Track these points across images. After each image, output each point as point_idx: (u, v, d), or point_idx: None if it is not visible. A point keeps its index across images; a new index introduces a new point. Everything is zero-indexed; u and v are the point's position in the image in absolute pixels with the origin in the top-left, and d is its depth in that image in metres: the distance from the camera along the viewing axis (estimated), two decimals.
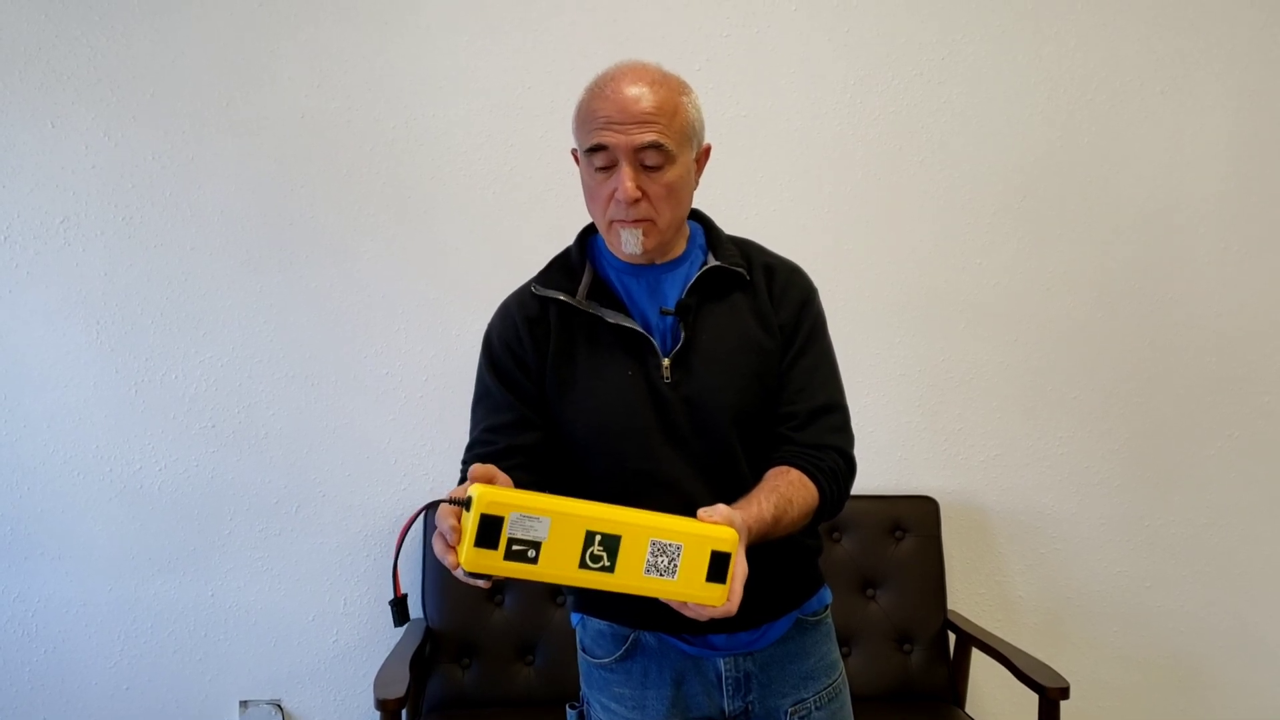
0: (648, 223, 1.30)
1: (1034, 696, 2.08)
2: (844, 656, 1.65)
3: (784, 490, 1.27)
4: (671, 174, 1.29)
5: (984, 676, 2.54)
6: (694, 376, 1.34)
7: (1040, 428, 2.63)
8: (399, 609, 1.17)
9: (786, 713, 1.41)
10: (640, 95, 1.27)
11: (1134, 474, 2.65)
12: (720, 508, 1.16)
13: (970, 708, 2.52)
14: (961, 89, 2.57)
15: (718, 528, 1.13)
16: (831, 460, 1.34)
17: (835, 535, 2.48)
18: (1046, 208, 2.60)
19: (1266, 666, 2.71)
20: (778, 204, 2.54)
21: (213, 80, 2.40)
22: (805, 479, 1.31)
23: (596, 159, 1.29)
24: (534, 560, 1.07)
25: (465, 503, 1.06)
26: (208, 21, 2.39)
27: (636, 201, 1.28)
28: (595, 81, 1.31)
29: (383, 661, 2.16)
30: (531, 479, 1.30)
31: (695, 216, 1.45)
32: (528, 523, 1.06)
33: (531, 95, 2.47)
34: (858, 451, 1.40)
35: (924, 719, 2.33)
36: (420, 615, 2.39)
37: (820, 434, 1.36)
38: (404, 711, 1.98)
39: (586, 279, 1.38)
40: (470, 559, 1.05)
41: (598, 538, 1.09)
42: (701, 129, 1.35)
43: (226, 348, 2.43)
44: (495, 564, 1.06)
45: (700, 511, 1.15)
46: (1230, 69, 2.62)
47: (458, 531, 1.07)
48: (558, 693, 2.28)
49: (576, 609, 1.48)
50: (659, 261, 1.38)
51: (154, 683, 2.45)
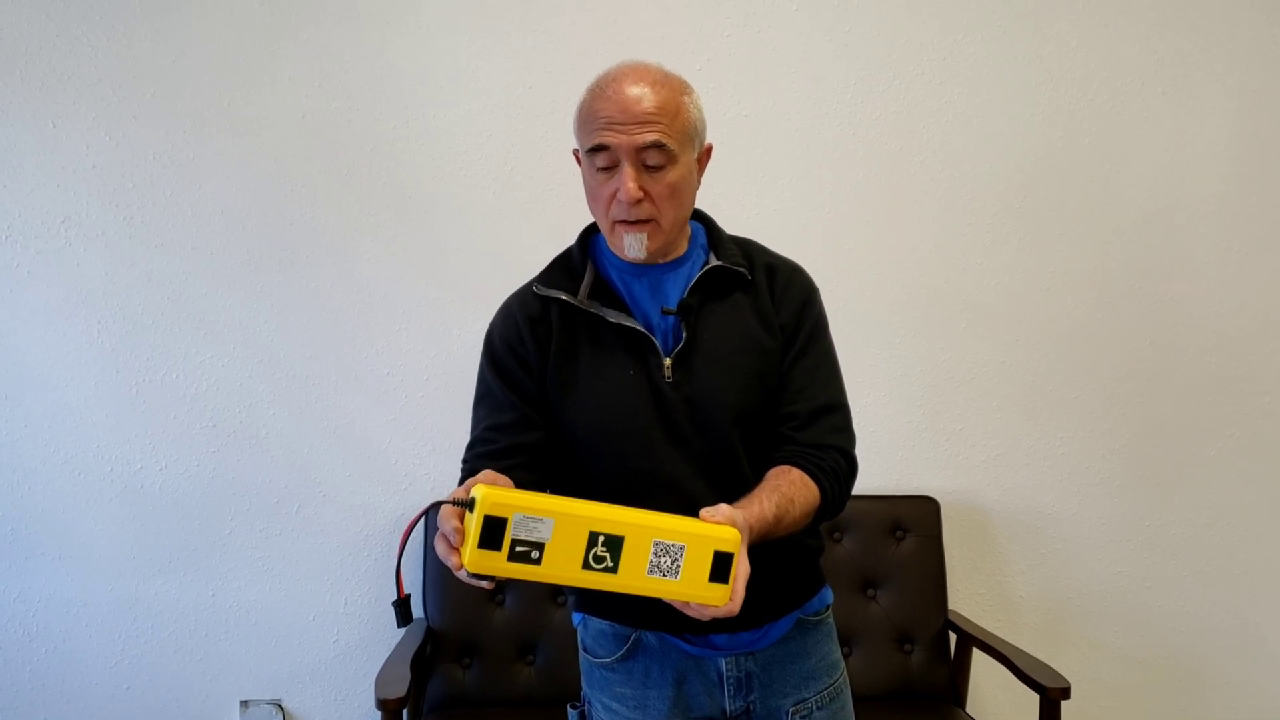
0: (651, 224, 1.30)
1: (1035, 696, 2.08)
2: (845, 656, 1.65)
3: (786, 490, 1.27)
4: (674, 174, 1.29)
5: (985, 676, 2.54)
6: (695, 376, 1.34)
7: (1041, 428, 2.63)
8: (402, 609, 1.17)
9: (788, 713, 1.41)
10: (642, 95, 1.27)
11: (1134, 474, 2.65)
12: (723, 507, 1.16)
13: (971, 708, 2.52)
14: (962, 89, 2.57)
15: (720, 528, 1.13)
16: (833, 460, 1.35)
17: (836, 535, 2.48)
18: (1047, 208, 2.60)
19: (1267, 666, 2.71)
20: (778, 204, 2.54)
21: (213, 80, 2.40)
22: (807, 479, 1.31)
23: (598, 159, 1.29)
24: (537, 561, 1.07)
25: (468, 504, 1.06)
26: (208, 21, 2.39)
27: (639, 202, 1.28)
28: (596, 82, 1.31)
29: (383, 661, 2.15)
30: (533, 479, 1.30)
31: (697, 216, 1.45)
32: (531, 524, 1.06)
33: (532, 95, 2.47)
34: (858, 451, 1.40)
35: (925, 719, 2.33)
36: (421, 615, 2.39)
37: (822, 434, 1.36)
38: (405, 711, 1.98)
39: (588, 279, 1.38)
40: (474, 560, 1.05)
41: (601, 538, 1.09)
42: (703, 129, 1.34)
43: (227, 347, 2.43)
44: (499, 565, 1.05)
45: (703, 511, 1.15)
46: (1231, 69, 2.62)
47: (461, 533, 1.07)
48: (559, 693, 2.28)
49: (578, 609, 1.48)
50: (661, 261, 1.38)
51: (154, 682, 2.45)
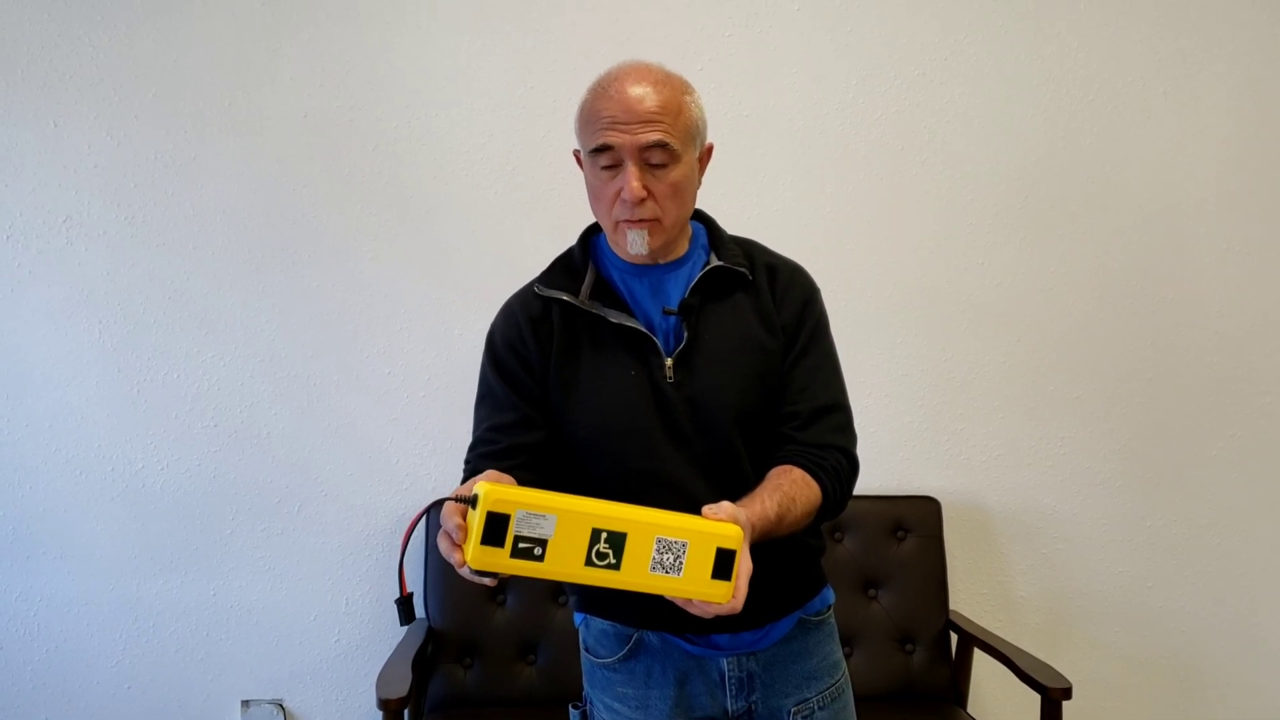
0: (653, 222, 1.30)
1: (1036, 697, 2.08)
2: (846, 656, 1.64)
3: (787, 489, 1.27)
4: (676, 173, 1.29)
5: (986, 676, 2.54)
6: (697, 376, 1.34)
7: (1042, 428, 2.63)
8: (405, 607, 1.17)
9: (789, 712, 1.41)
10: (644, 95, 1.27)
11: (1136, 474, 2.65)
12: (725, 505, 1.16)
13: (972, 708, 2.52)
14: (963, 89, 2.57)
15: (723, 525, 1.13)
16: (834, 460, 1.35)
17: (837, 535, 2.48)
18: (1048, 208, 2.60)
19: (1268, 666, 2.71)
20: (780, 204, 2.54)
21: (215, 80, 2.40)
22: (808, 478, 1.31)
23: (601, 159, 1.29)
24: (540, 558, 1.07)
25: (471, 500, 1.06)
26: (210, 21, 2.40)
27: (642, 201, 1.28)
28: (598, 82, 1.31)
29: (385, 661, 2.16)
30: (534, 479, 1.30)
31: (698, 216, 1.45)
32: (534, 520, 1.06)
33: (533, 95, 2.47)
34: (860, 451, 1.40)
35: (926, 719, 2.33)
36: (422, 615, 2.39)
37: (823, 433, 1.36)
38: (406, 711, 1.98)
39: (589, 279, 1.38)
40: (476, 557, 1.05)
41: (603, 535, 1.09)
42: (704, 128, 1.35)
43: (229, 347, 2.43)
44: (501, 562, 1.05)
45: (705, 508, 1.15)
46: (1232, 69, 2.63)
47: (464, 530, 1.07)
48: (560, 693, 2.27)
49: (579, 609, 1.48)
50: (662, 261, 1.38)
51: (156, 682, 2.45)
